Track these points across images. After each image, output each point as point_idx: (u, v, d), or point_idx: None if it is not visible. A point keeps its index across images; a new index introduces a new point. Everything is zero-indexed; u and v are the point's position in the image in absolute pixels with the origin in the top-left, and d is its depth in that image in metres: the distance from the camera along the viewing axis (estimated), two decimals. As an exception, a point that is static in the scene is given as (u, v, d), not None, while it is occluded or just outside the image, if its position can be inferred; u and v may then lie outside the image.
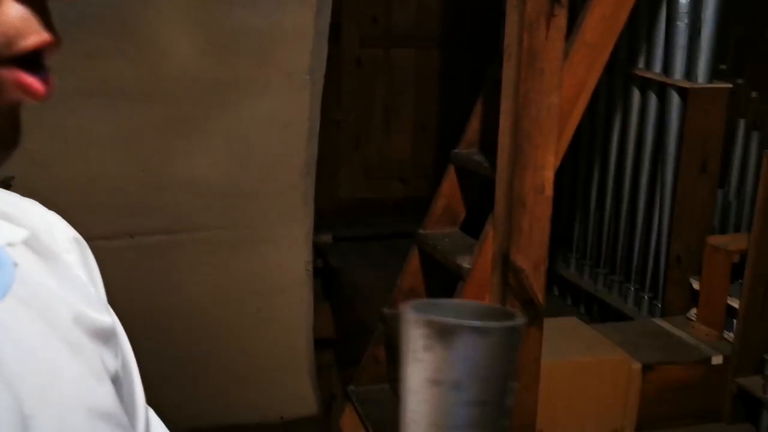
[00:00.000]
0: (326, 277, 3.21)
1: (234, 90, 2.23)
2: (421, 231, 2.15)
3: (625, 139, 2.37)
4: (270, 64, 2.24)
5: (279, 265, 2.62)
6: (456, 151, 2.14)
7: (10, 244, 0.46)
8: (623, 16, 1.81)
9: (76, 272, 0.53)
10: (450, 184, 2.15)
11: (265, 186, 2.40)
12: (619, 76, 2.37)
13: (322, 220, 3.00)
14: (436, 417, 0.33)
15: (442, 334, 0.32)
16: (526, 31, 1.68)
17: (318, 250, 3.06)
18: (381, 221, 3.51)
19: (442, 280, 2.10)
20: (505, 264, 1.79)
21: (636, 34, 2.28)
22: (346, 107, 3.48)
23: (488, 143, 2.03)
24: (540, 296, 1.79)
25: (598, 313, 2.57)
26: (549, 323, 1.86)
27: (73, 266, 0.53)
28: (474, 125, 2.14)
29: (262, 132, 2.33)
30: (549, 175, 1.76)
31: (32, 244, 0.49)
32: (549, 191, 1.77)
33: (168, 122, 2.18)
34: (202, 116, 2.23)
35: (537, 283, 1.81)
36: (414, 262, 2.18)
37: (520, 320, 0.35)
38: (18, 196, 0.55)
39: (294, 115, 2.34)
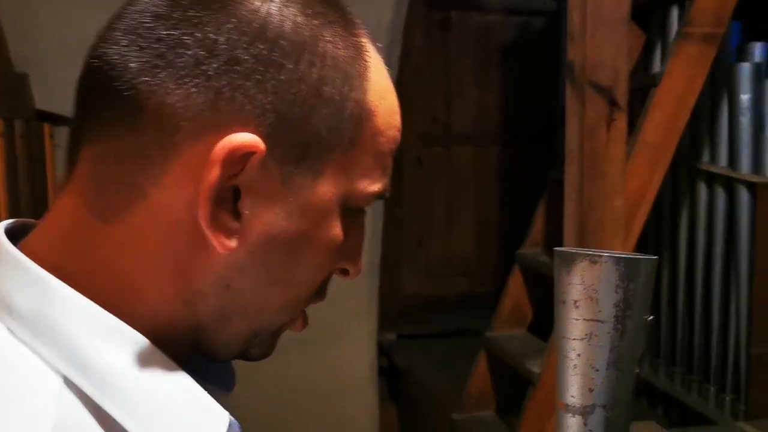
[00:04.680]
0: (391, 376, 3.18)
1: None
2: (488, 333, 2.13)
3: (695, 235, 2.32)
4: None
5: (344, 364, 2.62)
6: (521, 251, 2.14)
7: None
8: (684, 115, 1.82)
9: None
10: (516, 284, 2.14)
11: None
12: (684, 171, 2.35)
13: (385, 318, 3.00)
14: (562, 330, 0.41)
15: (565, 262, 0.40)
16: (587, 135, 1.70)
17: (382, 349, 3.05)
18: (445, 318, 3.48)
19: (513, 384, 2.06)
20: (577, 369, 1.75)
21: (699, 129, 2.28)
22: (407, 205, 3.54)
23: (554, 244, 2.03)
24: (615, 402, 1.73)
25: (678, 415, 2.45)
26: (625, 430, 1.79)
27: None
28: (538, 225, 2.15)
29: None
30: (617, 277, 1.74)
31: None
32: (618, 293, 1.75)
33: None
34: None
35: (611, 388, 1.77)
36: (482, 365, 2.15)
37: (637, 256, 0.41)
38: None
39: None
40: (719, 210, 2.23)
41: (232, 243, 0.45)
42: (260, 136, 0.44)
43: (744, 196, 2.16)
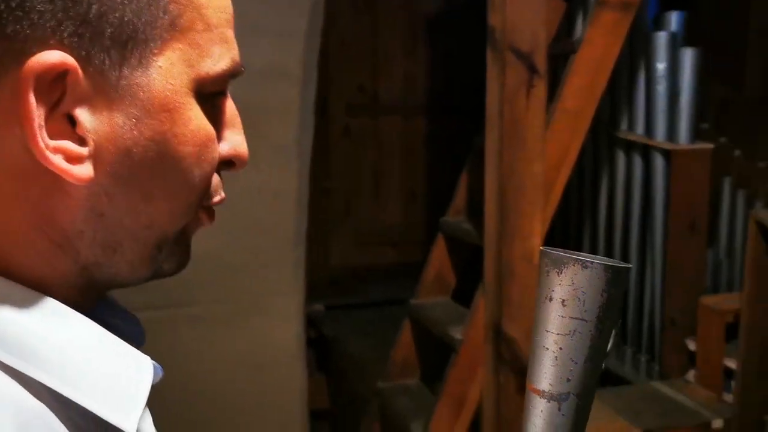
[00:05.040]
0: (320, 347, 3.17)
1: (222, 164, 2.24)
2: (412, 301, 2.13)
3: (613, 201, 2.38)
4: (258, 137, 2.25)
5: (272, 337, 2.58)
6: (444, 219, 2.15)
7: None
8: (602, 82, 1.84)
9: None
10: (439, 252, 2.14)
11: (255, 258, 2.39)
12: (603, 138, 2.40)
13: (313, 290, 2.97)
14: (546, 324, 0.45)
15: (556, 263, 0.44)
16: (507, 101, 1.70)
17: (311, 321, 3.03)
18: (373, 288, 3.49)
19: (436, 351, 2.07)
20: (497, 334, 1.77)
21: (617, 97, 2.32)
22: (335, 176, 3.50)
23: (476, 211, 2.03)
24: (534, 365, 1.76)
25: (596, 377, 2.53)
26: (545, 392, 1.82)
27: None
28: (461, 193, 2.15)
29: (252, 204, 2.34)
30: (537, 243, 1.76)
31: None
32: (537, 259, 1.77)
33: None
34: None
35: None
36: (407, 333, 2.15)
37: (620, 263, 0.45)
38: None
39: (282, 186, 2.35)
40: (636, 176, 2.29)
41: (87, 171, 0.42)
42: (66, 50, 0.40)
43: (659, 162, 2.22)
